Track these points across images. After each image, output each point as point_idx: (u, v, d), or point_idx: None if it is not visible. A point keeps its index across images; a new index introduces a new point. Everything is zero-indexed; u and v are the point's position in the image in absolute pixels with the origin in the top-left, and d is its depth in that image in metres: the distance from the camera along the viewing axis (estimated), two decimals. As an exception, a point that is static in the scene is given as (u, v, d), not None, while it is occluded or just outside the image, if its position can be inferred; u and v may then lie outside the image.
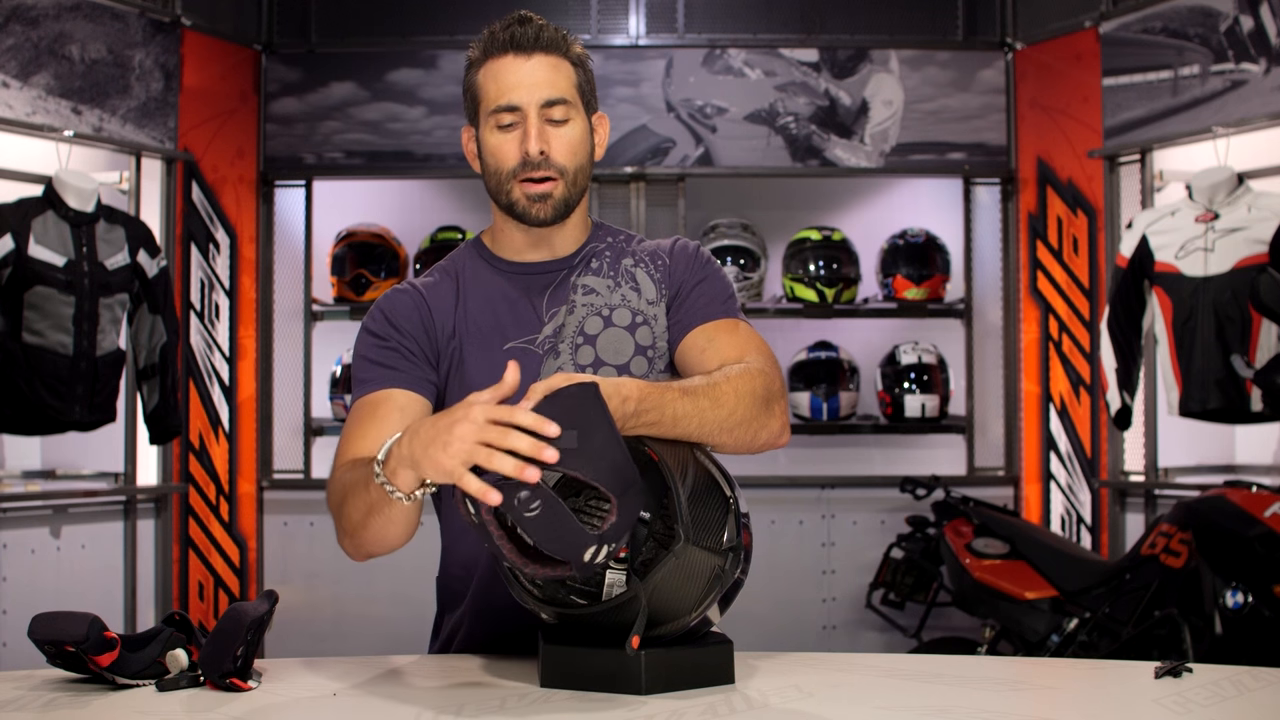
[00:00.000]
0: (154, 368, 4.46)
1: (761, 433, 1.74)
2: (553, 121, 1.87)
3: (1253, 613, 3.47)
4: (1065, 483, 5.09)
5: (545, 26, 1.89)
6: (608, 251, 1.97)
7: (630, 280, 1.95)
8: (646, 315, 1.93)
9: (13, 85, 4.30)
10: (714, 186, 5.45)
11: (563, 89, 1.88)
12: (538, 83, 1.86)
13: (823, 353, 5.24)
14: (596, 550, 1.44)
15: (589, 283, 1.94)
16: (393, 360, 1.86)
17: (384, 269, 5.23)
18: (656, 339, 1.92)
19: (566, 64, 1.90)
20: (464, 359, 1.89)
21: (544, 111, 1.87)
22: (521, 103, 1.86)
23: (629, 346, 1.90)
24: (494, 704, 1.53)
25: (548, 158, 1.87)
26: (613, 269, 1.95)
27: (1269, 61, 4.29)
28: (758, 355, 1.83)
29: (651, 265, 1.96)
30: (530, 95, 1.86)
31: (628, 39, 5.35)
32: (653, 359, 1.91)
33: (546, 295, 1.93)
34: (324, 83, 5.34)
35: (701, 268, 1.96)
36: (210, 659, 1.59)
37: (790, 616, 5.19)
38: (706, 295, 1.93)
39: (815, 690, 1.59)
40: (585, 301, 1.92)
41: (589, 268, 1.95)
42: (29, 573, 4.38)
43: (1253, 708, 1.53)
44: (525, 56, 1.87)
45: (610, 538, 1.45)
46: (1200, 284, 4.19)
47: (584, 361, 1.89)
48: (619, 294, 1.93)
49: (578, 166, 1.90)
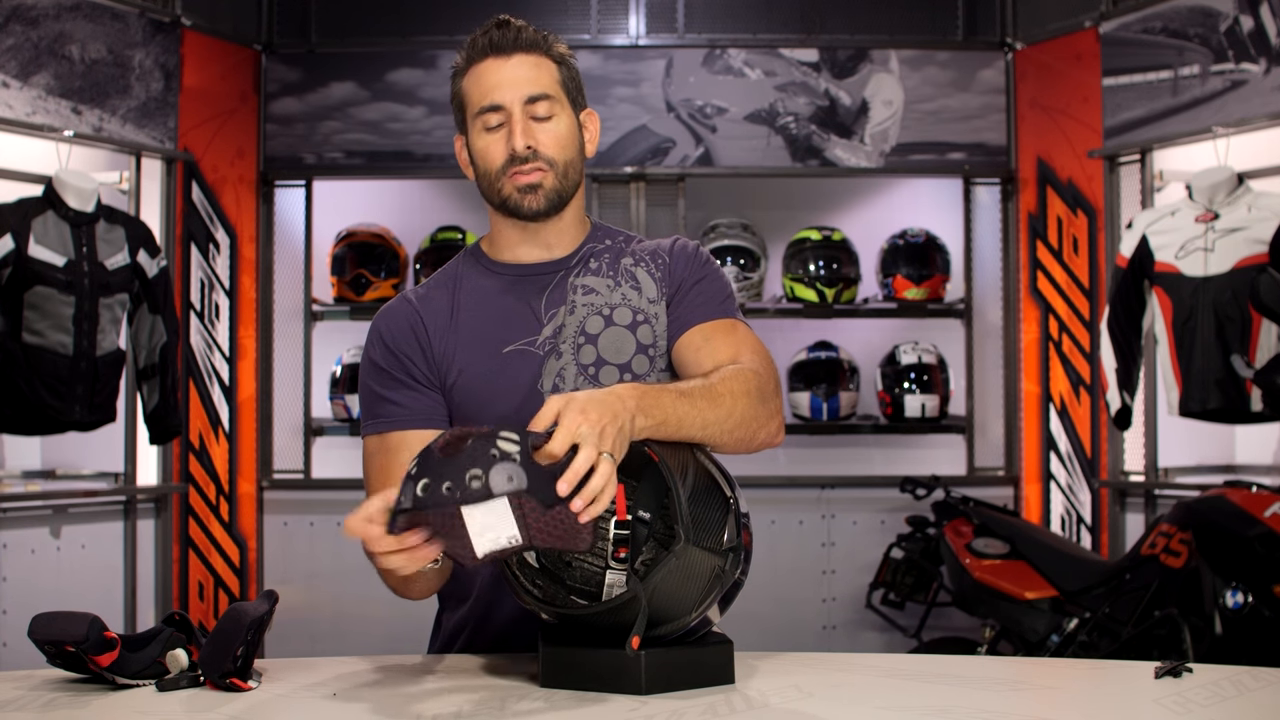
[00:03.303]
0: (154, 368, 4.46)
1: (760, 432, 1.75)
2: (537, 118, 1.88)
3: (1253, 613, 3.47)
4: (1065, 483, 5.09)
5: (524, 28, 1.91)
6: (606, 252, 1.97)
7: (630, 279, 1.95)
8: (647, 314, 1.93)
9: (13, 85, 4.30)
10: (714, 186, 5.45)
11: (545, 85, 1.89)
12: (519, 80, 1.88)
13: (823, 353, 5.24)
14: (493, 548, 1.46)
15: (589, 283, 1.94)
16: (398, 395, 1.88)
17: (384, 269, 5.23)
18: (658, 338, 1.92)
19: (548, 61, 1.91)
20: (464, 368, 1.89)
21: (528, 108, 1.88)
22: (504, 101, 1.87)
23: (630, 345, 1.90)
24: (494, 704, 1.53)
25: (535, 151, 1.88)
26: (612, 269, 1.95)
27: (1269, 61, 4.29)
28: (753, 355, 1.84)
29: (652, 264, 1.96)
30: (513, 93, 1.87)
31: (628, 39, 5.35)
32: (654, 357, 1.91)
33: (544, 296, 1.93)
34: (324, 83, 5.34)
35: (701, 267, 1.96)
36: (210, 659, 1.59)
37: (790, 616, 5.19)
38: (705, 294, 1.93)
39: (815, 690, 1.59)
40: (585, 301, 1.92)
41: (588, 268, 1.95)
42: (29, 573, 4.38)
43: (1253, 708, 1.53)
44: (505, 57, 1.88)
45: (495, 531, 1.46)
46: (1200, 284, 4.19)
47: (586, 361, 1.89)
48: (619, 293, 1.93)
49: (567, 160, 1.91)
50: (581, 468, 1.46)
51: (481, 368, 1.88)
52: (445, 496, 1.43)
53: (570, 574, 1.66)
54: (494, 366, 1.88)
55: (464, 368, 1.89)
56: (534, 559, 1.65)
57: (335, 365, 5.26)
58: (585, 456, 1.46)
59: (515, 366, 1.88)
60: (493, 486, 1.42)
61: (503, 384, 1.87)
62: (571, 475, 1.45)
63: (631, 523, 1.61)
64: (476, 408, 1.86)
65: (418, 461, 1.48)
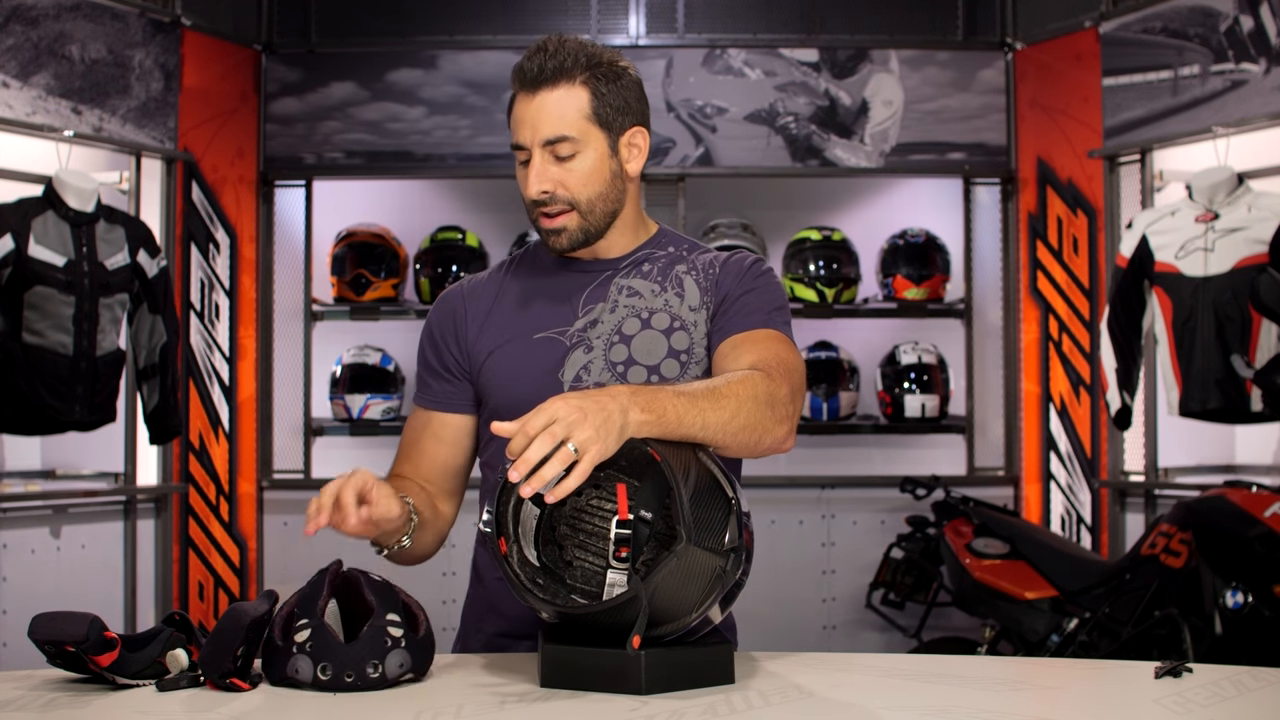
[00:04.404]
0: (154, 368, 4.46)
1: (765, 437, 1.72)
2: (560, 157, 1.89)
3: (1253, 613, 3.47)
4: (1065, 483, 5.09)
5: (554, 54, 1.88)
6: (663, 257, 2.01)
7: (677, 286, 1.98)
8: (685, 321, 1.95)
9: (13, 85, 4.30)
10: (714, 186, 5.45)
11: (568, 123, 1.88)
12: (539, 121, 1.88)
13: (823, 353, 5.24)
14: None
15: (635, 285, 1.98)
16: (436, 379, 2.05)
17: (384, 269, 5.22)
18: (694, 344, 1.94)
19: (578, 90, 1.88)
20: (494, 349, 1.98)
21: (548, 149, 1.89)
22: (526, 142, 1.90)
23: (662, 348, 1.93)
24: (494, 704, 1.53)
25: (553, 195, 1.90)
26: (663, 274, 1.99)
27: (1269, 61, 4.29)
28: (776, 363, 1.81)
29: (702, 274, 1.99)
30: (533, 135, 1.89)
31: (628, 39, 5.35)
32: (686, 363, 1.93)
33: (586, 292, 1.98)
34: (324, 83, 5.34)
35: (753, 280, 1.97)
36: (210, 659, 1.59)
37: (790, 616, 5.19)
38: (749, 306, 1.93)
39: (815, 690, 1.59)
40: (628, 303, 1.96)
41: (639, 271, 1.99)
42: (29, 573, 4.38)
43: (1253, 708, 1.53)
44: (531, 95, 1.89)
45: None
46: (1200, 284, 4.19)
47: (616, 359, 1.92)
48: (662, 299, 1.96)
49: (591, 196, 1.91)
50: (533, 457, 1.50)
51: (511, 350, 1.96)
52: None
53: (571, 573, 1.66)
54: (522, 349, 1.96)
55: (494, 349, 1.98)
56: (535, 557, 1.65)
57: (335, 365, 5.26)
58: (538, 448, 1.51)
59: (541, 352, 1.94)
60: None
61: (527, 366, 1.94)
62: (523, 464, 1.51)
63: (633, 522, 1.61)
64: (501, 387, 1.96)
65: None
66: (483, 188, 5.44)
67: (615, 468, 1.61)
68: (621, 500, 1.61)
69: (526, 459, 1.50)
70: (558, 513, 1.66)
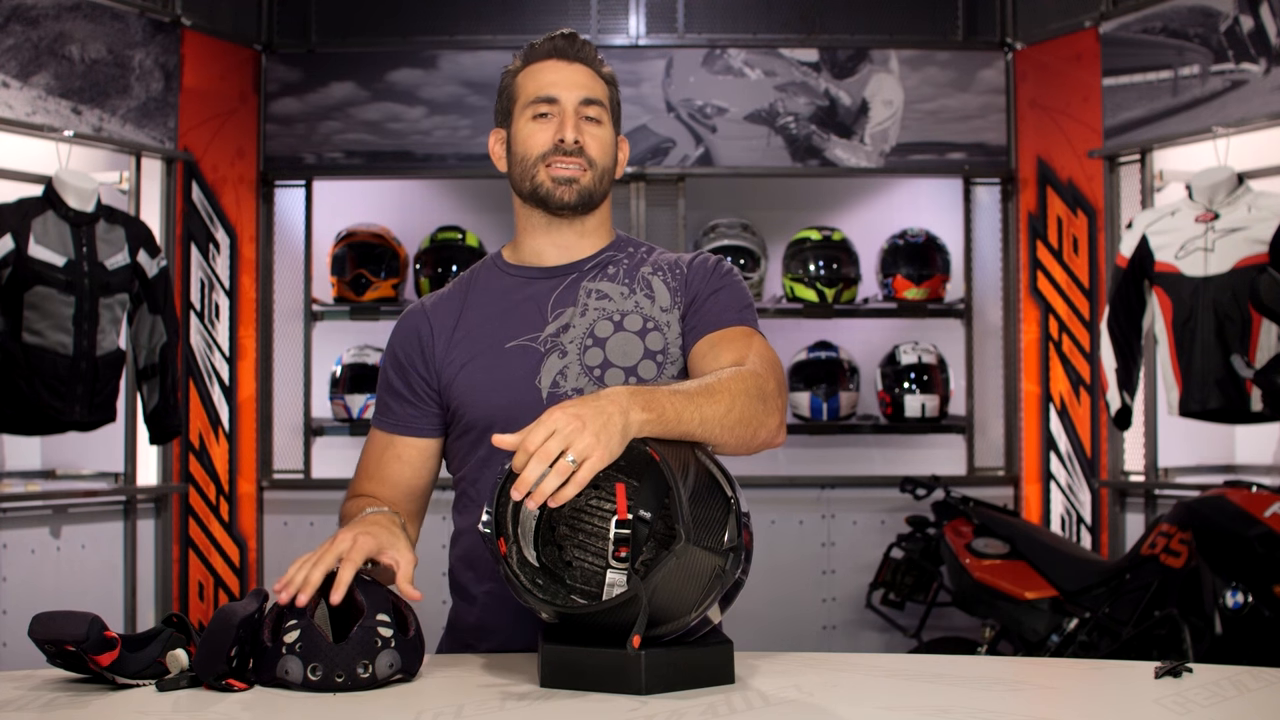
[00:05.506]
0: (154, 368, 4.46)
1: (760, 431, 1.74)
2: (588, 119, 1.98)
3: (1253, 613, 3.47)
4: (1065, 483, 5.09)
5: (587, 44, 2.04)
6: (626, 260, 2.03)
7: (646, 287, 1.99)
8: (658, 321, 1.96)
9: (13, 85, 4.30)
10: (714, 186, 5.45)
11: (599, 93, 2.02)
12: (578, 82, 2.00)
13: (823, 353, 5.24)
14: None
15: (603, 288, 1.98)
16: (399, 402, 2.02)
17: (384, 269, 5.23)
18: (668, 345, 1.95)
19: (601, 80, 2.04)
20: (466, 362, 1.96)
21: (581, 109, 1.98)
22: (561, 96, 1.98)
23: (638, 350, 1.93)
24: (494, 704, 1.53)
25: (582, 148, 1.97)
26: (629, 277, 2.00)
27: (1269, 61, 4.29)
28: (758, 359, 1.84)
29: (669, 274, 2.00)
30: (571, 92, 1.98)
31: (628, 39, 5.35)
32: (662, 364, 1.94)
33: (553, 297, 1.98)
34: (324, 83, 5.34)
35: (720, 278, 2.00)
36: (203, 663, 1.59)
37: (790, 616, 5.19)
38: (720, 304, 1.96)
39: (815, 690, 1.59)
40: (598, 306, 1.96)
41: (605, 274, 2.00)
42: (29, 573, 4.38)
43: (1253, 708, 1.53)
44: (568, 62, 2.01)
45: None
46: (1200, 284, 4.19)
47: (592, 363, 1.92)
48: (633, 300, 1.97)
49: (605, 165, 2.01)
50: (530, 477, 1.51)
51: (483, 361, 1.95)
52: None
53: (571, 573, 1.66)
54: (494, 360, 1.94)
55: (466, 361, 1.96)
56: (534, 558, 1.65)
57: (335, 365, 5.26)
58: (535, 467, 1.50)
59: (515, 361, 1.93)
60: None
61: (501, 377, 1.93)
62: (522, 485, 1.51)
63: (632, 522, 1.61)
64: (476, 399, 1.94)
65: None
66: (483, 188, 5.44)
67: (614, 467, 1.61)
68: (621, 500, 1.61)
69: (524, 479, 1.51)
70: (557, 513, 1.66)
